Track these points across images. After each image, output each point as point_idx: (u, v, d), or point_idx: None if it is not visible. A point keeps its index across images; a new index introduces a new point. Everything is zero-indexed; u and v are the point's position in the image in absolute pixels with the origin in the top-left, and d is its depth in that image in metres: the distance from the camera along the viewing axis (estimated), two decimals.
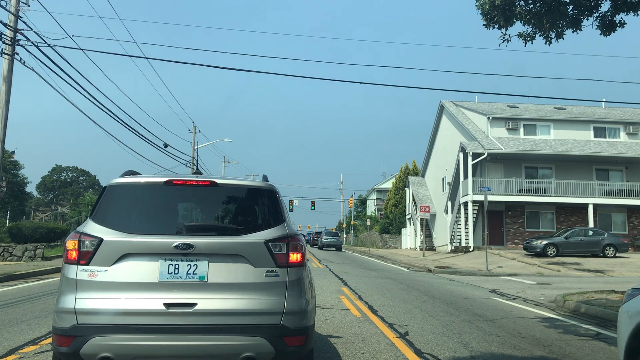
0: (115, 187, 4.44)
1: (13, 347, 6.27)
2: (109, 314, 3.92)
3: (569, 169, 33.97)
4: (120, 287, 4.00)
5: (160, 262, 4.05)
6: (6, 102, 16.17)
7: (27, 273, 15.17)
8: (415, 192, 45.85)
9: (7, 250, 20.42)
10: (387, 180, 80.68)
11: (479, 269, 23.06)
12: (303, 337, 4.18)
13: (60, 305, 4.04)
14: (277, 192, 4.67)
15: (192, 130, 40.31)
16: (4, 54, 15.75)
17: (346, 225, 76.31)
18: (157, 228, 4.22)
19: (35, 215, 49.48)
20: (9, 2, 15.77)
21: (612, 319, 9.68)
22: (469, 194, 31.96)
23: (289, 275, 4.20)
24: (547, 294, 13.70)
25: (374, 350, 6.61)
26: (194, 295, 4.00)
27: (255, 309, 4.05)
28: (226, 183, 4.54)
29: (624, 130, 35.60)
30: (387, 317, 9.19)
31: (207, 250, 4.09)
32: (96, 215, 4.28)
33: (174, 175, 4.96)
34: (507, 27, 9.55)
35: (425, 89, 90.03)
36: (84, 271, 4.04)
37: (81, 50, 17.19)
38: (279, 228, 4.33)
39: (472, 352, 6.73)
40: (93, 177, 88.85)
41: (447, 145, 39.86)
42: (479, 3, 9.34)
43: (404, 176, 55.92)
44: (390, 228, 55.37)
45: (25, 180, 56.33)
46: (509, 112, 37.16)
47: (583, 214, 33.04)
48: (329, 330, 7.81)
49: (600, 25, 9.72)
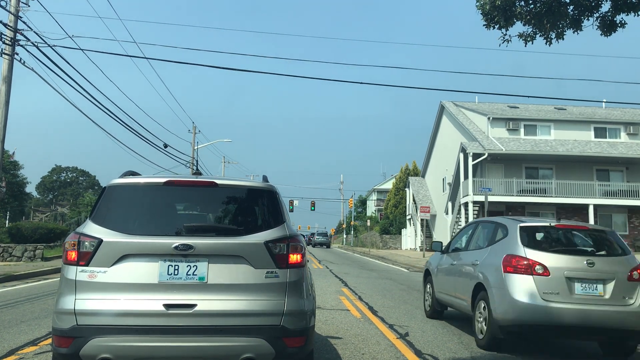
0: (115, 187, 4.43)
1: (13, 348, 6.26)
2: (108, 315, 3.91)
3: (570, 169, 33.95)
4: (119, 288, 3.98)
5: (160, 263, 4.03)
6: (6, 102, 16.17)
7: (26, 274, 15.15)
8: (416, 193, 45.84)
9: (7, 251, 20.40)
10: (387, 180, 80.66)
11: None
12: (303, 338, 4.17)
13: (59, 306, 4.03)
14: (277, 192, 4.66)
15: (192, 131, 40.31)
16: (4, 54, 15.75)
17: (346, 225, 76.26)
18: (156, 229, 4.21)
19: (34, 216, 49.51)
20: (9, 2, 15.76)
21: None
22: (469, 195, 31.94)
23: (289, 276, 4.19)
24: None
25: (374, 351, 6.60)
26: (194, 296, 3.99)
27: (255, 310, 4.03)
28: (226, 184, 4.53)
29: (624, 130, 35.58)
30: (387, 318, 9.18)
31: (207, 251, 4.07)
32: (96, 215, 4.27)
33: (174, 176, 4.96)
34: (507, 28, 9.54)
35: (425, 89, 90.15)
36: (84, 272, 4.02)
37: (81, 50, 17.22)
38: (279, 229, 4.32)
39: (473, 352, 6.72)
40: (93, 177, 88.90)
41: (447, 145, 39.85)
42: (479, 3, 9.33)
43: (404, 176, 55.90)
44: (390, 228, 55.33)
45: (25, 181, 56.29)
46: (509, 112, 37.15)
47: (583, 215, 33.00)
48: (329, 331, 7.80)
49: (600, 25, 9.71)
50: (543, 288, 6.36)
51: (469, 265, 7.77)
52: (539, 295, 6.33)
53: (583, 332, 6.45)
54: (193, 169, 37.61)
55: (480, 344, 6.96)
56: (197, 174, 5.51)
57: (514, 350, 6.94)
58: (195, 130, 40.35)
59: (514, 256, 6.70)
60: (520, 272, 6.51)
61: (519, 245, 6.79)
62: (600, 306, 6.31)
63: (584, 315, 6.24)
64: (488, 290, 6.88)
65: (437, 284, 9.21)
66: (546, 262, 6.48)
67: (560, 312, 6.24)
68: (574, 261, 6.50)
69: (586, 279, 6.39)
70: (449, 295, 8.57)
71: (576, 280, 6.39)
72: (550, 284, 6.37)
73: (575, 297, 6.33)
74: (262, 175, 5.26)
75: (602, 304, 6.33)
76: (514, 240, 6.93)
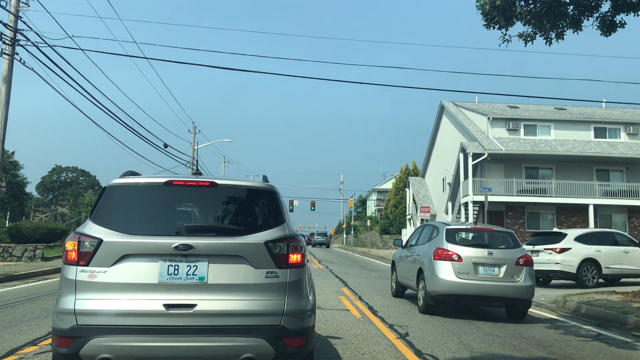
0: (115, 187, 4.43)
1: (13, 348, 6.26)
2: (108, 315, 3.91)
3: (570, 169, 33.93)
4: (119, 288, 3.98)
5: (160, 263, 4.03)
6: (6, 102, 16.17)
7: (26, 273, 15.14)
8: (416, 193, 45.83)
9: (7, 251, 20.39)
10: (387, 180, 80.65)
11: None
12: (303, 338, 4.17)
13: (59, 306, 4.03)
14: (277, 192, 4.66)
15: (192, 131, 40.30)
16: (4, 54, 15.74)
17: (346, 225, 76.24)
18: (156, 229, 4.21)
19: (35, 216, 49.46)
20: (9, 2, 15.76)
21: (613, 319, 9.67)
22: (469, 195, 31.94)
23: (289, 276, 4.19)
24: (548, 295, 13.68)
25: (374, 351, 6.60)
26: (194, 296, 3.99)
27: (255, 310, 4.03)
28: (226, 184, 4.53)
29: (624, 130, 35.56)
30: (387, 318, 9.18)
31: (207, 251, 4.07)
32: (96, 215, 4.27)
33: (174, 176, 4.95)
34: (507, 28, 9.55)
35: (425, 89, 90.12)
36: (84, 272, 4.02)
37: (81, 50, 17.19)
38: (279, 229, 4.32)
39: (473, 352, 6.72)
40: (93, 177, 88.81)
41: (447, 145, 39.84)
42: (480, 3, 9.34)
43: (404, 176, 55.87)
44: (390, 228, 55.30)
45: (25, 181, 56.27)
46: (509, 112, 37.14)
47: (583, 215, 33.00)
48: (329, 331, 7.80)
49: (600, 25, 9.72)
50: (457, 270, 9.40)
51: (416, 256, 10.91)
52: (455, 275, 9.37)
53: (485, 300, 9.60)
54: (193, 169, 37.60)
55: (420, 310, 10.00)
56: (197, 174, 5.51)
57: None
58: (195, 130, 40.35)
59: (439, 248, 9.71)
60: (443, 259, 9.53)
61: (444, 241, 9.79)
62: (497, 282, 9.38)
63: (484, 288, 9.34)
64: (424, 272, 9.91)
65: (398, 271, 12.30)
66: (460, 252, 9.53)
67: (469, 285, 9.31)
68: (479, 252, 9.57)
69: (487, 264, 9.48)
70: (405, 278, 11.58)
71: (480, 264, 9.45)
72: (462, 267, 9.41)
73: (479, 276, 9.41)
74: (262, 175, 5.27)
75: (498, 281, 9.40)
76: (441, 238, 9.96)
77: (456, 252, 9.50)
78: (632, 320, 9.18)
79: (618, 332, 8.73)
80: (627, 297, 11.82)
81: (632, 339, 8.11)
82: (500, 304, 9.74)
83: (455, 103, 40.92)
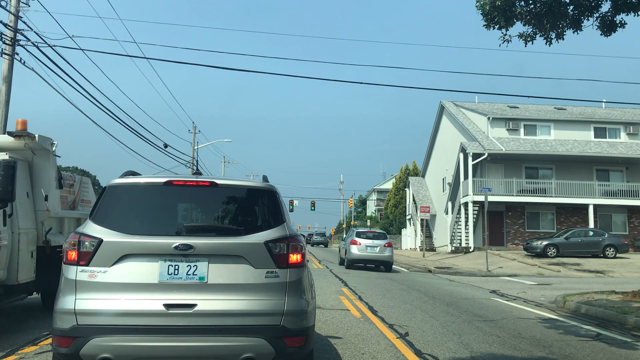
0: (115, 187, 4.43)
1: (13, 348, 6.26)
2: (108, 314, 3.92)
3: (570, 169, 33.94)
4: (120, 288, 3.99)
5: (160, 262, 4.04)
6: (6, 102, 16.16)
7: None
8: (416, 193, 45.83)
9: None
10: (387, 180, 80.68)
11: (479, 270, 23.06)
12: (303, 338, 4.17)
13: (59, 306, 4.03)
14: (277, 192, 4.66)
15: (192, 131, 40.30)
16: (4, 54, 15.74)
17: (346, 225, 76.26)
18: (157, 229, 4.21)
19: None
20: (9, 2, 15.76)
21: (612, 319, 9.68)
22: (469, 195, 31.95)
23: (289, 276, 4.19)
24: (548, 295, 13.69)
25: (374, 350, 6.60)
26: (194, 296, 4.00)
27: (255, 310, 4.04)
28: (226, 183, 4.53)
29: (624, 130, 35.57)
30: (387, 318, 9.19)
31: (207, 251, 4.08)
32: (96, 215, 4.27)
33: (174, 176, 4.95)
34: (507, 28, 9.55)
35: (425, 89, 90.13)
36: (84, 272, 4.03)
37: (81, 50, 17.19)
38: (279, 229, 4.32)
39: (473, 352, 6.72)
40: (93, 177, 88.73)
41: (447, 145, 39.85)
42: (480, 3, 9.35)
43: (404, 176, 55.92)
44: (390, 228, 55.36)
45: None
46: (509, 112, 37.15)
47: (583, 215, 33.01)
48: (329, 330, 7.80)
49: (600, 25, 9.72)
50: (359, 249, 21.62)
51: (344, 242, 24.33)
52: (357, 251, 21.61)
53: (370, 262, 22.07)
54: (193, 169, 37.59)
55: (345, 267, 22.26)
56: (197, 174, 5.51)
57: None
58: (195, 130, 40.34)
59: (352, 239, 22.01)
60: (354, 244, 21.93)
61: (354, 236, 22.20)
62: (376, 254, 21.68)
63: (370, 256, 21.76)
64: (346, 249, 22.37)
65: (340, 251, 24.90)
66: (361, 241, 21.85)
67: (364, 255, 21.74)
68: (369, 241, 21.88)
69: (371, 246, 21.65)
70: (341, 253, 24.08)
71: (369, 246, 21.68)
72: (361, 247, 21.63)
73: (368, 251, 21.64)
74: (262, 175, 5.27)
75: (377, 254, 21.67)
76: (353, 234, 22.66)
77: (359, 241, 21.74)
78: (632, 320, 9.19)
79: (618, 332, 8.74)
80: (627, 297, 11.84)
81: (632, 339, 8.11)
82: (378, 264, 22.11)
83: (455, 103, 40.93)
